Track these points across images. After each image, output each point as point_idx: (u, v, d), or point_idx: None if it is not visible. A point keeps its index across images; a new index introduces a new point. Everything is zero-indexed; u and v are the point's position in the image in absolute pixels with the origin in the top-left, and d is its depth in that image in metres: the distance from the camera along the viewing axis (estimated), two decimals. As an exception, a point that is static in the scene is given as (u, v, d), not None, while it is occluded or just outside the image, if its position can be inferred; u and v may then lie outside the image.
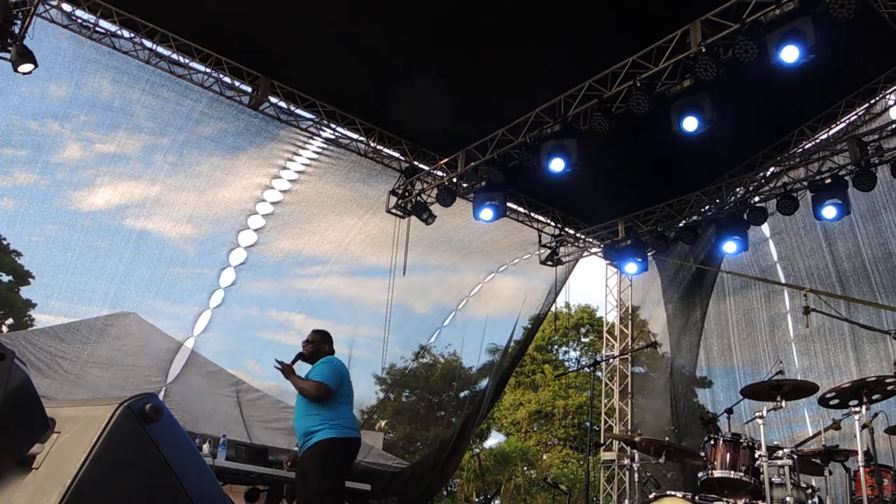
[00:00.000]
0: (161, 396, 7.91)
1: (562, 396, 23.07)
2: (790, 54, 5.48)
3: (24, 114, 7.37)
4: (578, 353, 26.06)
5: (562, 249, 10.51)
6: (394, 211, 9.13)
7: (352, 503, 7.17)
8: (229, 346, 9.56)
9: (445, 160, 8.70)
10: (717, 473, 4.62)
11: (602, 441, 10.46)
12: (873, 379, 4.20)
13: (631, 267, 9.84)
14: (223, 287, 8.80)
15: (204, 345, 8.92)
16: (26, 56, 6.34)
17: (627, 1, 6.65)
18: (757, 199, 8.92)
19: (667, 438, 5.85)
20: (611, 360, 11.04)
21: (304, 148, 8.74)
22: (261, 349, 9.78)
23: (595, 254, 10.94)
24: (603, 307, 12.32)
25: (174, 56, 7.50)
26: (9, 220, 7.99)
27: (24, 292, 14.75)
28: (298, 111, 8.31)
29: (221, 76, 7.75)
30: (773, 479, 4.39)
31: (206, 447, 6.37)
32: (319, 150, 8.82)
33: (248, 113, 8.08)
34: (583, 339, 25.99)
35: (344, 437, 4.52)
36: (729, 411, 5.47)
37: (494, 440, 24.48)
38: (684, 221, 9.59)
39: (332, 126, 8.52)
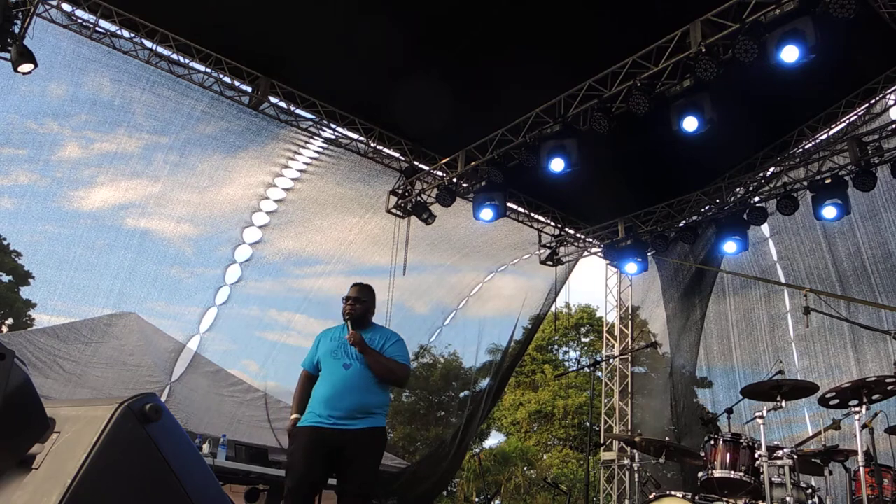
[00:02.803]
0: (165, 396, 7.92)
1: (562, 396, 23.08)
2: (790, 54, 5.48)
3: (23, 113, 7.38)
4: (578, 353, 26.08)
5: (562, 249, 10.52)
6: (394, 211, 9.13)
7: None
8: (232, 346, 9.57)
9: (445, 160, 8.71)
10: (717, 473, 4.62)
11: (602, 441, 10.46)
12: (873, 379, 4.20)
13: (631, 267, 9.85)
14: (229, 284, 8.82)
15: (209, 343, 8.93)
16: (26, 56, 6.34)
17: (627, 1, 6.65)
18: (757, 199, 8.92)
19: (667, 438, 5.84)
20: (611, 360, 11.04)
21: (304, 147, 8.75)
22: (262, 349, 9.78)
23: (595, 254, 10.94)
24: (603, 307, 12.34)
25: (174, 56, 7.50)
26: (9, 220, 8.00)
27: (24, 292, 14.77)
28: (298, 111, 8.31)
29: (221, 76, 7.75)
30: (773, 479, 4.38)
31: (206, 447, 6.37)
32: (320, 150, 8.83)
33: (249, 112, 8.09)
34: (583, 339, 26.01)
35: (385, 426, 4.21)
36: (729, 411, 5.47)
37: (494, 440, 24.52)
38: (684, 221, 9.59)
39: (332, 126, 8.52)
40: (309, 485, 3.81)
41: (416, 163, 9.17)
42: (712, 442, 4.77)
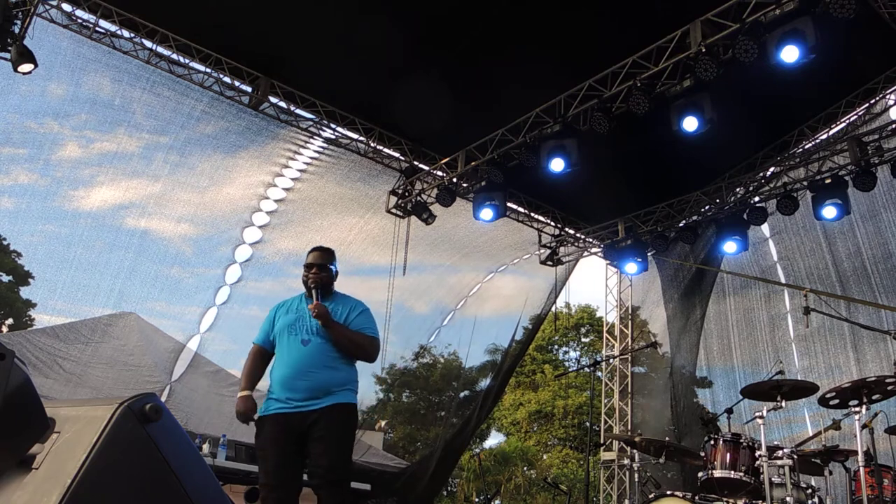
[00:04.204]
0: (165, 396, 7.92)
1: (562, 396, 23.09)
2: (790, 54, 5.48)
3: (23, 113, 7.38)
4: (578, 353, 26.09)
5: (562, 249, 10.51)
6: (394, 211, 9.13)
7: (352, 503, 7.13)
8: (232, 346, 9.56)
9: (445, 160, 8.71)
10: (717, 473, 4.62)
11: (602, 441, 10.47)
12: (873, 379, 4.20)
13: (631, 267, 9.85)
14: (229, 284, 8.82)
15: (209, 343, 8.93)
16: (26, 56, 6.34)
17: (627, 1, 6.65)
18: (757, 199, 8.92)
19: (667, 438, 5.84)
20: (611, 360, 11.04)
21: (304, 147, 8.75)
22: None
23: (595, 254, 10.94)
24: (603, 307, 12.35)
25: (174, 56, 7.50)
26: (9, 219, 8.00)
27: (24, 292, 14.78)
28: (298, 111, 8.31)
29: (221, 76, 7.75)
30: (773, 479, 4.38)
31: (206, 447, 6.37)
32: (320, 150, 8.83)
33: (249, 112, 8.09)
34: (583, 339, 26.03)
35: (356, 403, 3.68)
36: (729, 411, 5.47)
37: (494, 440, 24.54)
38: (684, 221, 9.59)
39: (332, 126, 8.52)
40: (285, 479, 3.40)
41: (416, 163, 9.17)
42: (712, 442, 4.77)
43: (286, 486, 3.40)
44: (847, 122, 8.39)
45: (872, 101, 8.09)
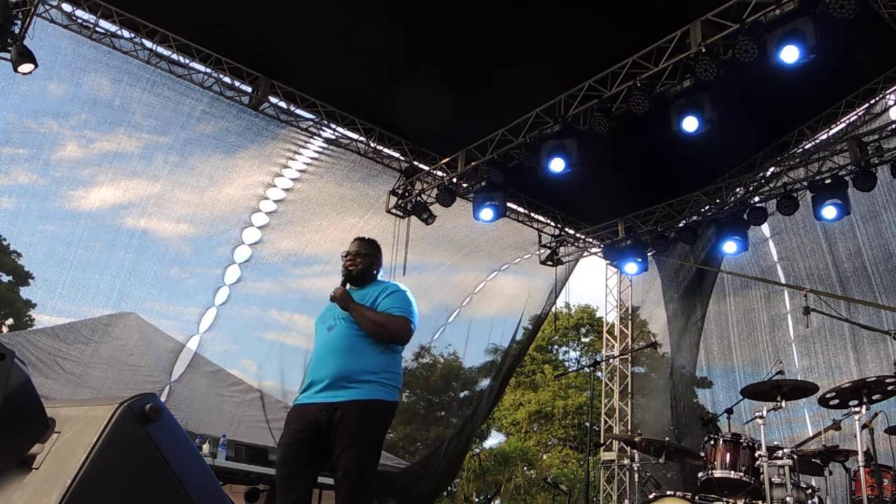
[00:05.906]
0: (165, 396, 7.92)
1: (562, 396, 23.08)
2: (790, 54, 5.48)
3: (23, 112, 7.38)
4: (578, 353, 26.09)
5: (562, 249, 10.51)
6: (394, 211, 9.13)
7: None
8: (232, 346, 9.57)
9: (445, 160, 8.71)
10: (717, 473, 4.63)
11: (602, 441, 10.46)
12: (873, 379, 4.20)
13: (631, 267, 9.84)
14: (228, 284, 8.82)
15: (209, 343, 8.93)
16: (26, 56, 6.34)
17: (627, 1, 6.65)
18: (757, 199, 8.92)
19: (667, 438, 5.84)
20: (611, 361, 11.04)
21: (304, 147, 8.75)
22: (261, 349, 9.78)
23: (595, 254, 10.93)
24: (603, 307, 12.34)
25: (174, 56, 7.50)
26: (9, 219, 8.00)
27: (24, 292, 14.77)
28: (298, 111, 8.30)
29: (221, 76, 7.75)
30: (773, 479, 4.39)
31: (206, 447, 6.37)
32: (320, 150, 8.83)
33: (249, 112, 8.09)
34: (583, 339, 26.01)
35: (392, 401, 3.35)
36: (729, 411, 5.48)
37: (494, 440, 24.51)
38: (684, 221, 9.59)
39: (332, 126, 8.52)
40: (294, 478, 3.18)
41: (416, 163, 9.16)
42: (712, 442, 4.77)
43: (296, 484, 3.18)
44: (847, 122, 8.39)
45: (872, 101, 8.08)
